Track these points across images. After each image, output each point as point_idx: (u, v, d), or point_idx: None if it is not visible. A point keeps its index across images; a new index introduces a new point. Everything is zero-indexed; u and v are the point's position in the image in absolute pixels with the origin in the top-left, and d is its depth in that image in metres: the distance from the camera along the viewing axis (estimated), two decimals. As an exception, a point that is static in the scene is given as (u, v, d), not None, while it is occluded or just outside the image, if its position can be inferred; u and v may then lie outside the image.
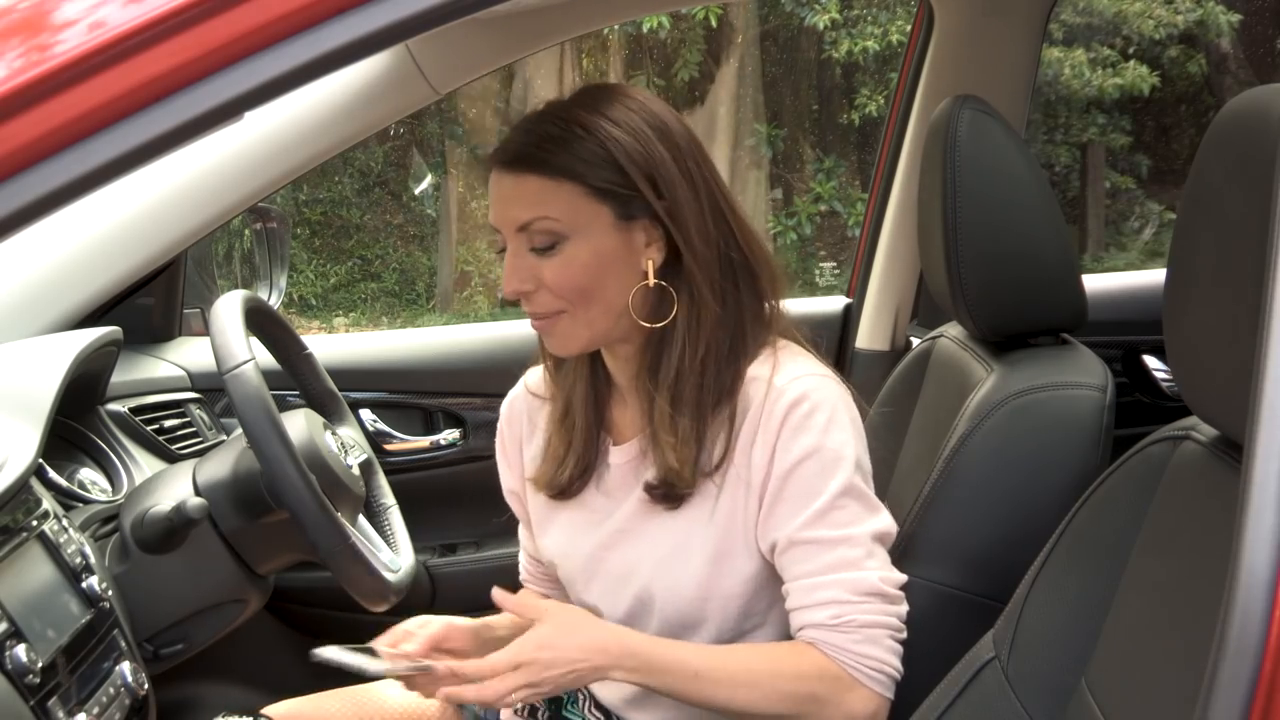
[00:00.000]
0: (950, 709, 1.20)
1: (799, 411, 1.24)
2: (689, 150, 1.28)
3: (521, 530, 1.53)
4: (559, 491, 1.37)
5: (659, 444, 1.28)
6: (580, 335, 1.28)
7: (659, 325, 1.27)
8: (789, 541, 1.25)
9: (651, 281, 1.26)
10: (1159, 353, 2.13)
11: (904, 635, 1.26)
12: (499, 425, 1.49)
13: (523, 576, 1.56)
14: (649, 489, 1.30)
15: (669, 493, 1.29)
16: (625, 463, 1.34)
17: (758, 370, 1.28)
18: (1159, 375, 2.17)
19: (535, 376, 1.45)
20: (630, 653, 1.22)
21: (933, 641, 1.29)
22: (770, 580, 1.30)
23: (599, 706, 1.42)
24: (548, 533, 1.43)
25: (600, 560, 1.35)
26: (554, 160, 1.23)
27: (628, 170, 1.23)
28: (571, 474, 1.36)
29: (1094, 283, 1.81)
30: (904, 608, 1.26)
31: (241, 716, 1.28)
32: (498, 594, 1.26)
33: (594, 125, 1.24)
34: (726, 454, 1.27)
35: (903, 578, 1.27)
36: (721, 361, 1.27)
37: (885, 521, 1.27)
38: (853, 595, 1.23)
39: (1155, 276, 2.23)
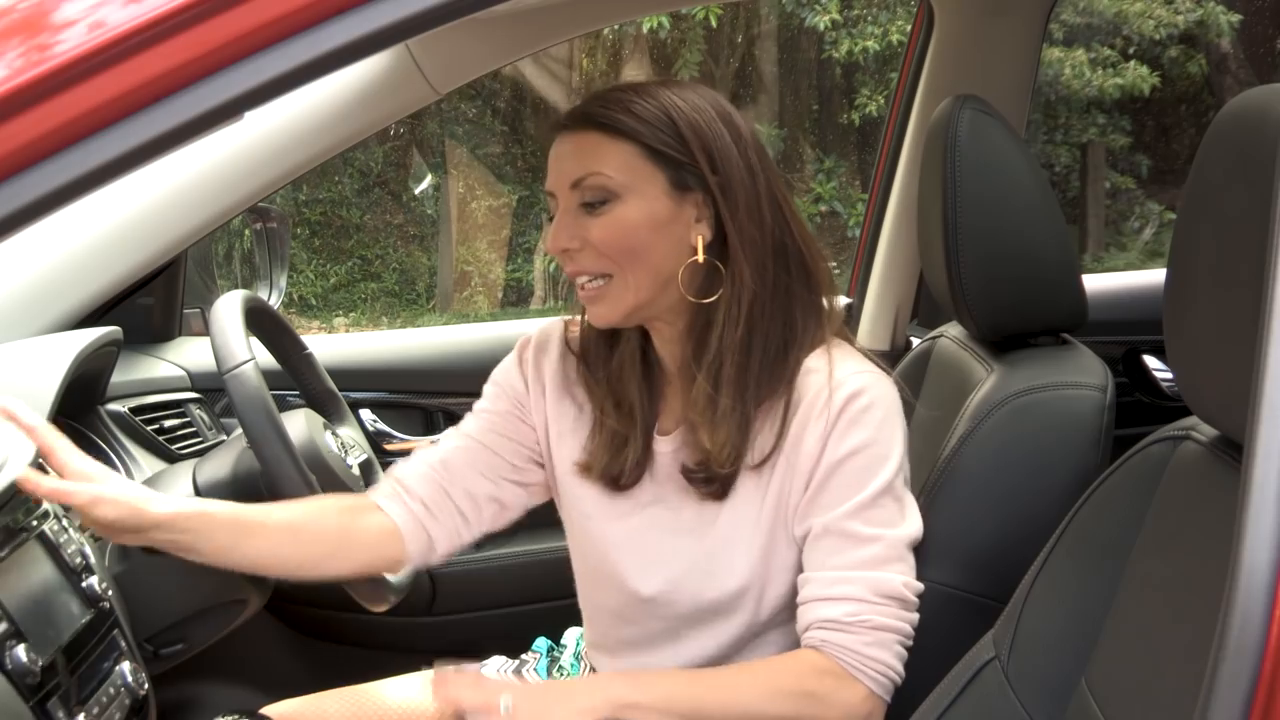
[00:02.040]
0: (950, 709, 1.20)
1: (857, 404, 1.24)
2: (751, 142, 1.29)
3: (468, 421, 1.44)
4: (613, 480, 1.35)
5: (695, 426, 1.28)
6: (625, 300, 1.27)
7: (705, 302, 1.27)
8: (824, 529, 1.25)
9: (701, 258, 1.26)
10: (1159, 353, 2.13)
11: (911, 643, 1.26)
12: (533, 341, 1.43)
13: (401, 471, 1.41)
14: (687, 473, 1.30)
15: (709, 476, 1.28)
16: (670, 452, 1.34)
17: (814, 363, 1.28)
18: (1159, 375, 2.17)
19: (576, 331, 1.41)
20: (619, 704, 1.19)
21: (933, 641, 1.28)
22: None
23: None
24: (580, 490, 1.39)
25: (639, 534, 1.34)
26: (614, 117, 1.26)
27: (686, 137, 1.25)
28: (628, 464, 1.34)
29: (1094, 283, 1.81)
30: (917, 615, 1.26)
31: (241, 716, 1.28)
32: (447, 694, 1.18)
33: (659, 93, 1.27)
34: (776, 446, 1.27)
35: (922, 586, 1.26)
36: (768, 346, 1.27)
37: (917, 528, 1.28)
38: (873, 595, 1.23)
39: (1155, 276, 2.23)
